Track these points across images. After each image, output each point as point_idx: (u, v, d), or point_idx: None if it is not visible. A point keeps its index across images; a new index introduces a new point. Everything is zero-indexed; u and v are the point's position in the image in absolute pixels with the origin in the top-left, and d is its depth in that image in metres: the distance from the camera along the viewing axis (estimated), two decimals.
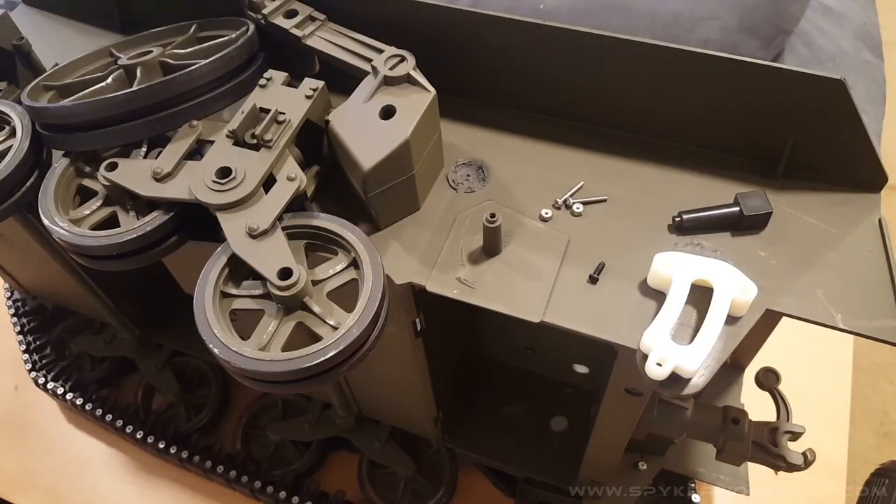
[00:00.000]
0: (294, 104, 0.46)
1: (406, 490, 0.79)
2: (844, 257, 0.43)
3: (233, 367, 0.38)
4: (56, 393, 0.87)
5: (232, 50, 0.48)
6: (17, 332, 0.92)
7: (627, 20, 0.52)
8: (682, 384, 0.38)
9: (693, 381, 0.38)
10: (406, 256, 0.46)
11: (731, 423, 0.54)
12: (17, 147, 0.48)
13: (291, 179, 0.44)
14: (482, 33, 0.49)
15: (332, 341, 0.38)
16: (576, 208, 0.47)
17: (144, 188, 0.44)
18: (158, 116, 0.46)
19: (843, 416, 0.82)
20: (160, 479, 0.85)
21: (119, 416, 0.84)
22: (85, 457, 0.88)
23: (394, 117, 0.45)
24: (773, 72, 0.43)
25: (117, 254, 0.44)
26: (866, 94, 0.55)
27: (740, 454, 0.54)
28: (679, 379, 0.38)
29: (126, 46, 0.54)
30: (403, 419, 0.72)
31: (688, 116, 0.49)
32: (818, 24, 0.60)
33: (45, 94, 0.51)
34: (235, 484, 0.78)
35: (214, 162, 0.44)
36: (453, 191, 0.50)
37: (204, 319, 0.39)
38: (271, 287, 0.39)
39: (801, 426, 0.54)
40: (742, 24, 0.52)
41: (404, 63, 0.47)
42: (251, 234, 0.41)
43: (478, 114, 0.54)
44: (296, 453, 0.82)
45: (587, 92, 0.50)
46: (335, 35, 0.51)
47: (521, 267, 0.45)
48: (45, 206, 0.45)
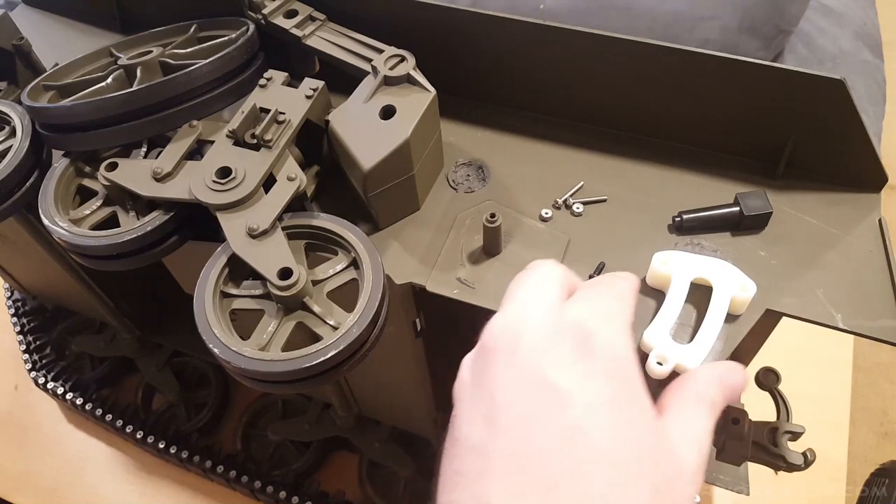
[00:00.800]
0: (294, 104, 0.46)
1: (406, 490, 0.79)
2: (844, 257, 0.43)
3: (233, 367, 0.38)
4: (56, 393, 0.87)
5: (232, 50, 0.48)
6: (17, 332, 0.92)
7: (628, 20, 0.52)
8: None
9: None
10: (406, 256, 0.46)
11: (731, 423, 0.54)
12: (17, 147, 0.48)
13: (291, 179, 0.44)
14: (482, 33, 0.49)
15: (332, 341, 0.38)
16: (576, 208, 0.47)
17: (144, 188, 0.44)
18: (158, 116, 0.46)
19: (843, 416, 0.82)
20: (160, 479, 0.85)
21: (119, 416, 0.84)
22: (85, 457, 0.88)
23: (394, 117, 0.45)
24: (773, 72, 0.43)
25: (117, 254, 0.44)
26: (866, 94, 0.55)
27: (740, 454, 0.54)
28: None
29: (126, 46, 0.54)
30: (403, 419, 0.72)
31: (688, 116, 0.49)
32: (818, 24, 0.60)
33: (45, 94, 0.51)
34: (235, 484, 0.78)
35: (214, 162, 0.44)
36: (453, 191, 0.50)
37: (204, 319, 0.39)
38: (271, 287, 0.39)
39: (801, 426, 0.53)
40: (742, 24, 0.52)
41: (404, 63, 0.47)
42: (251, 234, 0.41)
43: (478, 114, 0.54)
44: (296, 453, 0.82)
45: (587, 92, 0.50)
46: (335, 35, 0.51)
47: (521, 267, 0.44)
48: (44, 206, 0.45)
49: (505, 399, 0.27)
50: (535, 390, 0.27)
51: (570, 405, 0.26)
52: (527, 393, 0.27)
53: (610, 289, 0.32)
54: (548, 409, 0.26)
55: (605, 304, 0.31)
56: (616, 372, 0.28)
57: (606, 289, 0.32)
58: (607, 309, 0.30)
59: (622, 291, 0.32)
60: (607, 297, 0.31)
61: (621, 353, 0.29)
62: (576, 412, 0.26)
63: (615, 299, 0.31)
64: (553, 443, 0.25)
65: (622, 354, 0.29)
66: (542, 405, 0.26)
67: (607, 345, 0.28)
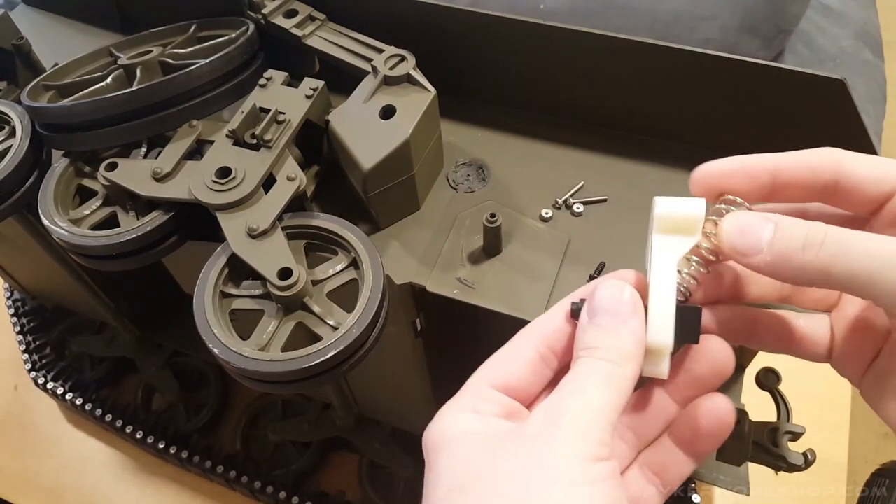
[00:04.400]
0: (294, 104, 0.46)
1: (406, 490, 0.79)
2: None
3: (232, 367, 0.38)
4: (56, 393, 0.87)
5: (232, 50, 0.48)
6: (17, 332, 0.92)
7: (628, 20, 0.52)
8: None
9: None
10: (406, 256, 0.46)
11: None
12: (17, 147, 0.48)
13: (291, 179, 0.44)
14: (482, 33, 0.49)
15: (332, 341, 0.38)
16: (576, 208, 0.47)
17: (144, 188, 0.44)
18: (158, 116, 0.46)
19: (844, 416, 0.82)
20: (160, 479, 0.85)
21: (119, 416, 0.84)
22: (85, 457, 0.88)
23: (394, 117, 0.45)
24: (773, 72, 0.43)
25: (117, 254, 0.44)
26: (867, 93, 0.55)
27: (741, 454, 0.54)
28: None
29: (126, 46, 0.54)
30: (403, 419, 0.72)
31: (688, 116, 0.49)
32: (819, 24, 0.60)
33: (45, 94, 0.51)
34: (235, 484, 0.78)
35: (214, 162, 0.44)
36: (453, 191, 0.50)
37: (204, 319, 0.39)
38: (271, 287, 0.39)
39: (801, 426, 0.53)
40: (743, 23, 0.52)
41: (404, 63, 0.47)
42: (251, 234, 0.41)
43: (478, 114, 0.54)
44: (296, 453, 0.82)
45: (587, 92, 0.50)
46: (335, 35, 0.51)
47: (521, 267, 0.45)
48: (44, 206, 0.45)
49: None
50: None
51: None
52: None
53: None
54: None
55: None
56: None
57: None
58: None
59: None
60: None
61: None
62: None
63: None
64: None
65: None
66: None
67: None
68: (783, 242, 0.25)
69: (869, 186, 0.27)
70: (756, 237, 0.26)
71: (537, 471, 0.24)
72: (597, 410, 0.26)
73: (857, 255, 0.24)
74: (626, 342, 0.27)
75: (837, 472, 0.77)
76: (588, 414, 0.26)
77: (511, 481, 0.25)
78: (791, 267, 0.25)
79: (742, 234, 0.26)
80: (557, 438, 0.25)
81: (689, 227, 0.28)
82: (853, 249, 0.24)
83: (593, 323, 0.28)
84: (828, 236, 0.25)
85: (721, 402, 0.29)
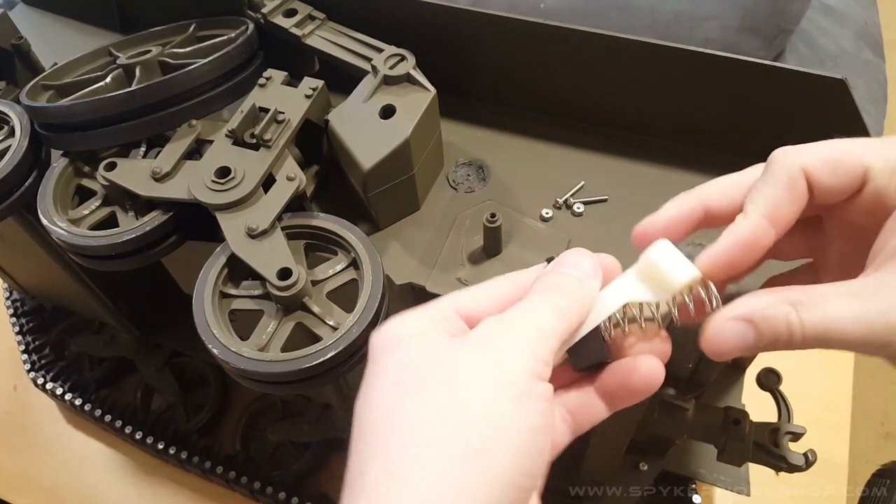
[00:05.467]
0: (293, 104, 0.46)
1: None
2: None
3: (232, 367, 0.38)
4: (55, 393, 0.87)
5: (231, 49, 0.48)
6: (16, 333, 0.92)
7: (628, 19, 0.52)
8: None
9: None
10: (406, 256, 0.46)
11: (733, 423, 0.54)
12: (17, 147, 0.48)
13: (291, 179, 0.43)
14: (482, 32, 0.49)
15: (332, 341, 0.38)
16: (576, 208, 0.47)
17: (143, 188, 0.44)
18: (157, 116, 0.45)
19: (844, 416, 0.82)
20: (160, 479, 0.85)
21: (118, 416, 0.84)
22: (84, 457, 0.88)
23: (394, 117, 0.44)
24: (774, 71, 0.43)
25: (116, 254, 0.44)
26: (868, 93, 0.55)
27: (741, 455, 0.54)
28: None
29: (125, 46, 0.54)
30: None
31: (688, 116, 0.49)
32: (819, 24, 0.60)
33: (44, 94, 0.51)
34: (235, 484, 0.78)
35: (213, 161, 0.44)
36: (453, 191, 0.50)
37: (203, 320, 0.39)
38: (271, 287, 0.39)
39: (802, 427, 0.53)
40: (743, 23, 0.52)
41: (404, 62, 0.47)
42: (250, 234, 0.41)
43: (478, 114, 0.54)
44: (295, 454, 0.82)
45: (587, 92, 0.50)
46: (335, 34, 0.51)
47: (521, 267, 0.44)
48: (43, 206, 0.45)
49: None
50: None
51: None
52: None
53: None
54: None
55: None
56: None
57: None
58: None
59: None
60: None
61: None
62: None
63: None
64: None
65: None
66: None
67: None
68: (766, 338, 0.25)
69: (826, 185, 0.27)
70: (738, 343, 0.26)
71: (485, 376, 0.25)
72: (548, 332, 0.26)
73: (840, 318, 0.25)
74: (582, 289, 0.28)
75: (838, 472, 0.77)
76: (540, 333, 0.26)
77: (456, 382, 0.25)
78: (786, 347, 0.25)
79: (725, 344, 0.26)
80: (511, 349, 0.25)
81: (664, 287, 0.29)
82: (833, 314, 0.25)
83: (556, 270, 0.29)
84: (804, 312, 0.25)
85: (654, 363, 0.29)
